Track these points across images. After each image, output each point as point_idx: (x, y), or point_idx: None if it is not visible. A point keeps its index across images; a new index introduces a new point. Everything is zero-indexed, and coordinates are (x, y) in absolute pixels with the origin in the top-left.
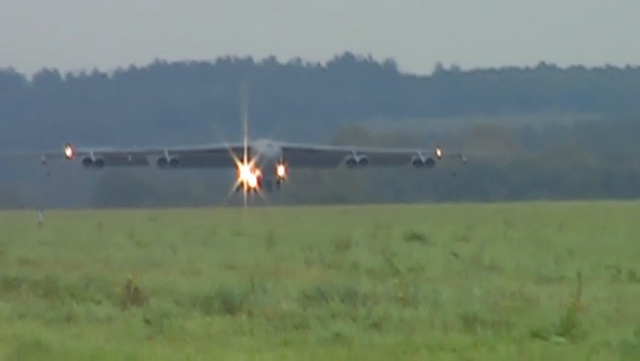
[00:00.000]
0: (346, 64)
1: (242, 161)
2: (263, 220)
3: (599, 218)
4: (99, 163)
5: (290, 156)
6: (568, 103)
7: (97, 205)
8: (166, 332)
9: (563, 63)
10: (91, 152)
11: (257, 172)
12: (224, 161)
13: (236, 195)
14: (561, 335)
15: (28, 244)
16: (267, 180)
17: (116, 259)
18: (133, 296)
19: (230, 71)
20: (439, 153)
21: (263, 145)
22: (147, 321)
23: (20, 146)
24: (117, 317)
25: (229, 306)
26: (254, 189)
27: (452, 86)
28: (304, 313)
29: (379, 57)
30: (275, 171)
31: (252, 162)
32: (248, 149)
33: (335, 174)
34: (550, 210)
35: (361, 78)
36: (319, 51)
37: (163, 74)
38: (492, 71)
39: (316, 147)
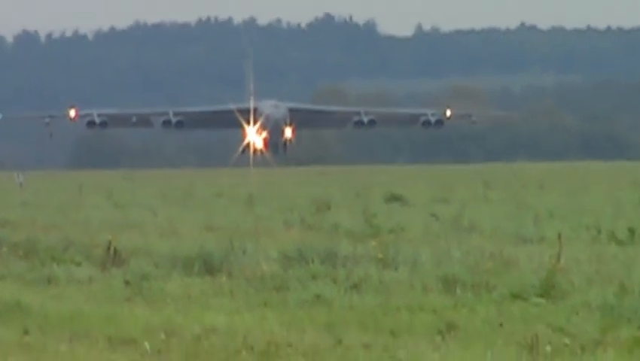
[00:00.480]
0: (326, 25)
1: (247, 122)
2: (244, 182)
3: (579, 179)
4: (103, 125)
5: (297, 118)
6: (547, 64)
7: (74, 166)
8: (146, 294)
9: (543, 24)
10: (94, 113)
11: (264, 134)
12: (230, 122)
13: (242, 157)
14: (540, 296)
15: (8, 206)
16: (274, 141)
17: (95, 220)
18: (113, 258)
19: (210, 33)
20: (448, 113)
21: (269, 106)
22: (126, 282)
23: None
24: (97, 279)
25: (208, 267)
26: (261, 151)
27: (432, 47)
28: (284, 275)
29: (360, 18)
30: (282, 132)
31: (258, 124)
32: (254, 110)
33: (311, 135)
34: (529, 172)
35: (340, 39)
36: (299, 13)
37: (142, 35)
38: (472, 32)
39: (324, 107)
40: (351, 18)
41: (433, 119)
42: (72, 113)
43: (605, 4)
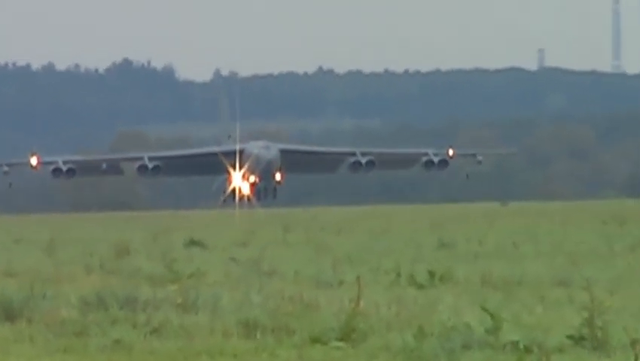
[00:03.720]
0: (125, 70)
1: (232, 166)
2: (45, 226)
3: (378, 222)
4: (70, 172)
5: (286, 160)
6: (345, 108)
7: None
8: None
9: (341, 68)
10: (59, 161)
11: (252, 178)
12: (213, 166)
13: (224, 203)
14: (341, 339)
15: None
16: (263, 186)
17: None
18: None
19: (8, 78)
20: (451, 152)
21: (258, 146)
22: None
23: None
24: None
25: (8, 313)
26: (247, 197)
27: (230, 92)
28: (84, 320)
29: (158, 63)
30: (272, 175)
31: (245, 167)
32: (240, 152)
33: (117, 180)
34: (328, 215)
35: (139, 84)
36: (98, 58)
37: None
38: (270, 76)
39: (316, 148)
40: (149, 63)
41: (436, 160)
42: (34, 160)
43: (402, 48)
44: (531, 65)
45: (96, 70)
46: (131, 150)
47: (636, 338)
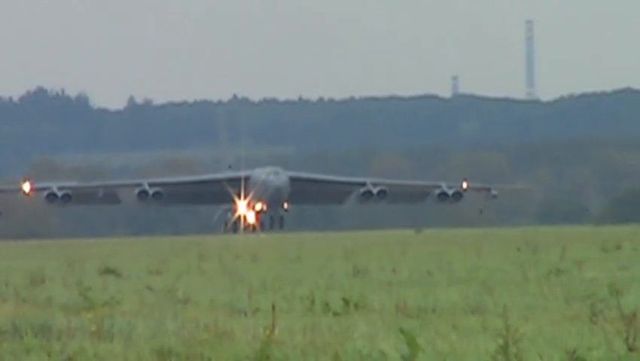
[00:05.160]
0: (39, 98)
1: (237, 193)
2: None
3: (292, 249)
4: (66, 198)
5: (294, 188)
6: (260, 135)
7: None
8: None
9: (255, 96)
10: (54, 186)
11: (258, 205)
12: (216, 194)
13: (227, 230)
14: None
15: None
16: (269, 214)
17: None
18: None
19: None
20: (465, 185)
21: (267, 173)
22: None
23: None
24: None
25: None
26: (253, 226)
27: (145, 120)
28: None
29: (72, 91)
30: (281, 203)
31: (251, 194)
32: (246, 179)
33: (28, 208)
34: (242, 243)
35: (54, 112)
36: (11, 87)
37: None
38: (184, 104)
39: (326, 177)
40: (63, 91)
41: (450, 192)
42: (26, 186)
43: (317, 76)
44: (446, 93)
45: (10, 98)
46: (43, 179)
47: None
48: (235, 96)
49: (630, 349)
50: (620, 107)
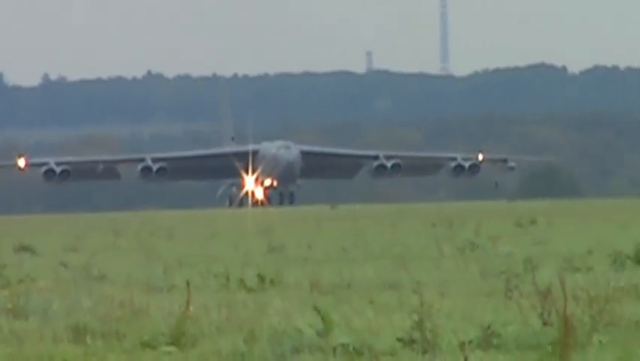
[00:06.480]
0: None
1: (245, 168)
2: None
3: (208, 226)
4: (64, 175)
5: (305, 163)
6: (175, 112)
7: None
8: None
9: (170, 72)
10: (51, 162)
11: (268, 181)
12: (223, 169)
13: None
14: (171, 344)
15: None
16: (280, 190)
17: None
18: None
19: None
20: (480, 157)
21: (277, 147)
22: None
23: None
24: None
25: None
26: (261, 202)
27: (59, 97)
28: None
29: None
30: (293, 179)
31: (260, 169)
32: (254, 153)
33: None
34: (159, 219)
35: None
36: None
37: None
38: (98, 80)
39: (338, 150)
40: None
41: (467, 164)
42: (21, 162)
43: (231, 52)
44: (360, 68)
45: None
46: None
47: (465, 340)
48: (149, 72)
49: (545, 324)
50: (534, 82)
